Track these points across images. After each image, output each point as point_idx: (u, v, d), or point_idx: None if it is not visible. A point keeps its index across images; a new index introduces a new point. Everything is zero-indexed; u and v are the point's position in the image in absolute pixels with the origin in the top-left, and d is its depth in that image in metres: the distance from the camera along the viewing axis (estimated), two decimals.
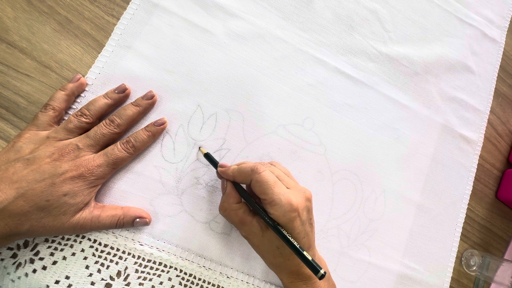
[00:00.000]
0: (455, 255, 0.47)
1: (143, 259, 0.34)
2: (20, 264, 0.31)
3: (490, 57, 0.55)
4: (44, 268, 0.31)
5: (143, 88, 0.37)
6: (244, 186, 0.34)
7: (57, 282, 0.31)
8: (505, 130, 0.55)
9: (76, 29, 0.37)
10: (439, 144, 0.49)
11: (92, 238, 0.33)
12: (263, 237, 0.32)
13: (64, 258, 0.32)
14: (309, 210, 0.33)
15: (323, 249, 0.41)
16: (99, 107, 0.34)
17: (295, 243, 0.30)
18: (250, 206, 0.33)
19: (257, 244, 0.33)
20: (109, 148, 0.33)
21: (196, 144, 0.38)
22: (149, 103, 0.36)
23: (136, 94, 0.37)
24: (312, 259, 0.30)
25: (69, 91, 0.34)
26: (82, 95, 0.35)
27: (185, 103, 0.38)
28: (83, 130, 0.33)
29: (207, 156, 0.37)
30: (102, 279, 0.33)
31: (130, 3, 0.39)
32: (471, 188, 0.49)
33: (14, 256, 0.31)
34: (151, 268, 0.34)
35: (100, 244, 0.33)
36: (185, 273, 0.35)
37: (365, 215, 0.43)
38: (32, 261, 0.31)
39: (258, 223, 0.33)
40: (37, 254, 0.31)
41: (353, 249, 0.42)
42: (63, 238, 0.32)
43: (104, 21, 0.38)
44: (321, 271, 0.29)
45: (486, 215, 0.51)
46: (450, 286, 0.46)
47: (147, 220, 0.34)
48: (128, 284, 0.33)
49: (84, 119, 0.33)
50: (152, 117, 0.37)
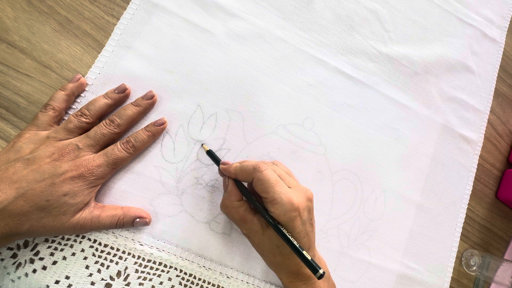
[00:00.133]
0: (455, 255, 0.47)
1: (143, 259, 0.34)
2: (20, 264, 0.31)
3: (490, 57, 0.55)
4: (44, 268, 0.31)
5: (143, 88, 0.37)
6: (245, 184, 0.35)
7: (57, 282, 0.31)
8: (505, 130, 0.55)
9: (76, 29, 0.37)
10: (439, 144, 0.49)
11: (92, 238, 0.33)
12: (264, 235, 0.32)
13: (64, 258, 0.32)
14: (310, 210, 0.33)
15: (323, 249, 0.41)
16: (99, 107, 0.34)
17: (295, 242, 0.30)
18: (251, 204, 0.33)
19: (257, 243, 0.33)
20: (109, 148, 0.33)
21: (196, 144, 0.38)
22: (149, 103, 0.36)
23: (136, 94, 0.37)
24: (312, 259, 0.30)
25: (69, 91, 0.34)
26: (82, 95, 0.35)
27: (185, 103, 0.38)
28: (83, 130, 0.33)
29: (210, 153, 0.37)
30: (102, 279, 0.33)
31: (130, 3, 0.39)
32: (471, 188, 0.49)
33: (14, 256, 0.31)
34: (151, 268, 0.34)
35: (100, 244, 0.33)
36: (185, 273, 0.35)
37: (365, 215, 0.43)
38: (32, 261, 0.31)
39: (259, 221, 0.33)
40: (37, 254, 0.31)
41: (353, 249, 0.42)
42: (63, 238, 0.32)
43: (104, 21, 0.38)
44: (320, 271, 0.29)
45: (486, 215, 0.51)
46: (450, 286, 0.46)
47: (147, 220, 0.34)
48: (128, 284, 0.33)
49: (84, 119, 0.33)
50: (152, 117, 0.37)
